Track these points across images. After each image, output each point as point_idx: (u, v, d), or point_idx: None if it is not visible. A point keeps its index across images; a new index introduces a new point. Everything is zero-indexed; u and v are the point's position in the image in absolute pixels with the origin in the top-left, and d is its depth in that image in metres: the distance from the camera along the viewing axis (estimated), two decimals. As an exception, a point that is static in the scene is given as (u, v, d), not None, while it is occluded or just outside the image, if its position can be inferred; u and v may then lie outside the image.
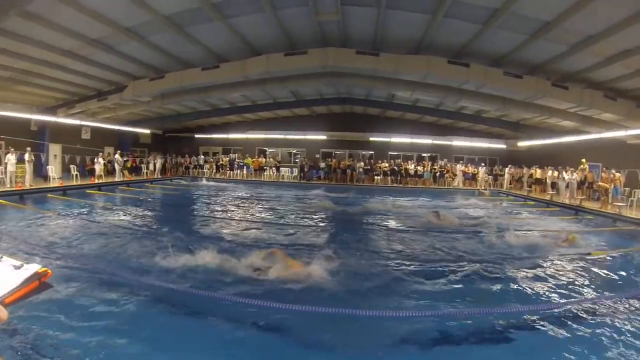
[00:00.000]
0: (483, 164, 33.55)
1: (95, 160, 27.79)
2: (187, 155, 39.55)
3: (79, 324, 5.64)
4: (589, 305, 7.07)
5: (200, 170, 38.42)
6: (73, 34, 15.59)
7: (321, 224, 15.91)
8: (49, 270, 1.11)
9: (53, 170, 25.19)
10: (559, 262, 9.99)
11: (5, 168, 21.14)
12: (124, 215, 16.17)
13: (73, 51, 17.41)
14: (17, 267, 1.11)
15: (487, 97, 20.37)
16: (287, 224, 15.41)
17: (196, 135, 41.85)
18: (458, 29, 14.70)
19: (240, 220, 16.03)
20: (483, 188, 30.65)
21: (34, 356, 4.81)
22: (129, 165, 31.06)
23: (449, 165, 34.13)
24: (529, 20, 13.13)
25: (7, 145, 23.39)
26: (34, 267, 1.10)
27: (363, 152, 38.66)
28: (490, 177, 33.14)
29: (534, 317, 6.39)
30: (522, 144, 32.10)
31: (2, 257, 1.18)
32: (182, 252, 9.34)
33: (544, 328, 6.01)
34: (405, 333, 5.77)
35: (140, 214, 16.82)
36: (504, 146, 34.82)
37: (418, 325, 6.05)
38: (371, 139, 36.65)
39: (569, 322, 6.21)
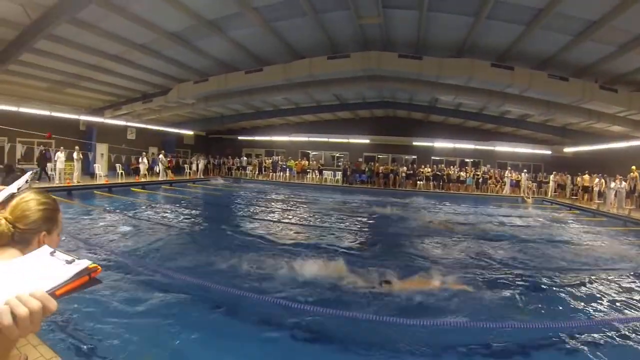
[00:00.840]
0: (526, 171, 32.52)
1: (140, 159, 28.68)
2: (230, 157, 39.97)
3: (119, 319, 5.69)
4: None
5: (242, 172, 38.75)
6: (120, 40, 16.17)
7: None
8: (99, 267, 1.13)
9: (100, 168, 25.89)
10: (610, 277, 9.31)
11: (55, 165, 22.05)
12: (167, 213, 16.44)
13: (120, 56, 18.01)
14: (69, 262, 1.13)
15: (532, 101, 19.64)
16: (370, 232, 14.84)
17: (239, 137, 42.21)
18: (501, 30, 14.33)
19: (321, 227, 15.15)
20: (526, 195, 29.56)
21: (79, 347, 4.93)
22: (167, 165, 31.55)
23: (492, 171, 33.14)
24: (574, 20, 12.63)
25: (57, 144, 24.48)
26: (85, 263, 1.12)
27: (406, 157, 37.93)
28: (534, 184, 31.83)
29: (586, 334, 6.02)
30: (568, 149, 30.69)
31: (55, 252, 1.21)
32: (266, 257, 9.27)
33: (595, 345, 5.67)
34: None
35: (184, 212, 17.02)
36: (548, 152, 33.36)
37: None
38: (414, 143, 35.83)
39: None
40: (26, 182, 2.26)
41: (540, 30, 13.56)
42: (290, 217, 17.14)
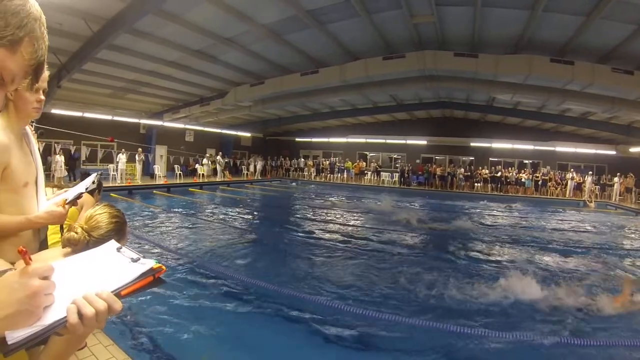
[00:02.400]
0: (591, 172, 29.86)
1: (198, 161, 29.36)
2: (287, 158, 40.23)
3: (175, 317, 5.79)
4: None
5: (300, 173, 38.93)
6: (177, 47, 16.60)
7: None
8: (164, 267, 1.12)
9: (159, 169, 26.91)
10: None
11: (117, 166, 23.16)
12: (223, 213, 16.63)
13: (177, 62, 18.43)
14: (134, 260, 1.13)
15: (594, 97, 18.37)
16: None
17: (297, 139, 42.37)
18: (559, 23, 13.48)
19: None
20: (589, 199, 27.25)
21: (142, 346, 5.01)
22: (224, 166, 32.04)
23: (552, 172, 31.45)
24: (637, 7, 11.56)
25: (119, 146, 25.27)
26: (150, 263, 1.11)
27: (463, 158, 36.88)
28: (597, 186, 29.59)
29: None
30: (635, 149, 28.33)
31: (121, 248, 1.22)
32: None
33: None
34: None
35: (240, 212, 17.21)
36: (613, 152, 30.85)
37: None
38: (471, 144, 34.89)
39: None
40: (92, 182, 2.51)
41: (601, 21, 12.60)
42: (350, 220, 16.58)
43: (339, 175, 37.01)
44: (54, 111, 21.29)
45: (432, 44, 16.83)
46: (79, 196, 2.44)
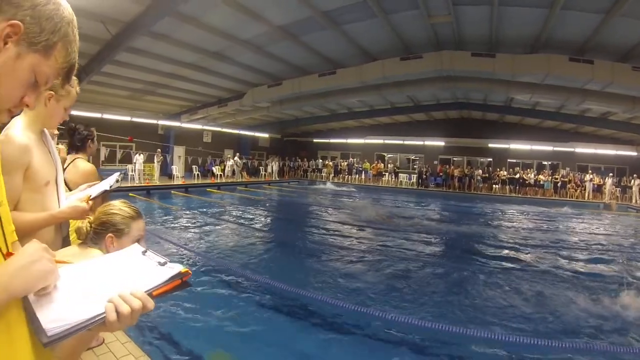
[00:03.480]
0: (611, 174, 29.12)
1: (212, 162, 29.72)
2: (305, 159, 40.22)
3: (192, 317, 5.82)
4: None
5: (318, 174, 38.91)
6: (194, 49, 16.68)
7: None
8: (190, 271, 1.16)
9: (177, 169, 27.08)
10: None
11: (135, 166, 23.42)
12: (241, 213, 16.60)
13: (195, 63, 18.54)
14: (162, 264, 1.17)
15: (614, 97, 17.87)
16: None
17: (314, 140, 42.43)
18: (578, 21, 13.16)
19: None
20: (609, 201, 26.59)
21: (158, 343, 5.06)
22: (241, 167, 32.19)
23: (571, 174, 30.77)
24: None
25: (137, 147, 25.74)
26: (178, 267, 1.15)
27: (481, 159, 36.55)
28: (618, 188, 28.88)
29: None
30: None
31: (147, 252, 1.26)
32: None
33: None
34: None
35: (257, 213, 17.21)
36: (634, 153, 29.94)
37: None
38: (489, 145, 34.37)
39: None
40: (116, 181, 2.56)
41: (621, 19, 12.25)
42: (368, 222, 15.95)
43: (357, 176, 36.92)
44: (74, 113, 20.78)
45: (449, 44, 16.62)
46: (104, 193, 2.50)
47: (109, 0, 11.90)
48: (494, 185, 32.20)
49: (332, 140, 41.42)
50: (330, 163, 39.27)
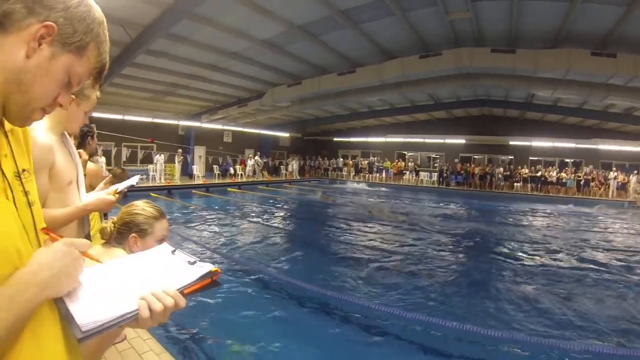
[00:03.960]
0: (636, 171, 27.91)
1: (229, 163, 30.02)
2: (325, 158, 40.19)
3: (212, 314, 5.95)
4: None
5: (339, 173, 38.86)
6: (213, 49, 16.74)
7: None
8: (219, 270, 1.17)
9: (197, 169, 27.49)
10: None
11: (156, 167, 23.85)
12: (261, 212, 16.75)
13: (214, 64, 18.64)
14: (192, 263, 1.19)
15: (639, 91, 17.49)
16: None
17: (335, 139, 42.37)
18: (599, 14, 12.68)
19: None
20: (633, 199, 25.89)
21: (179, 340, 5.19)
22: (262, 166, 32.34)
23: (594, 172, 29.92)
24: None
25: (158, 147, 26.13)
26: (208, 266, 1.17)
27: (502, 157, 35.82)
28: None
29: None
30: None
31: (176, 251, 1.28)
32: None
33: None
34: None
35: (278, 212, 17.29)
36: None
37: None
38: (510, 143, 33.85)
39: None
40: (140, 179, 2.74)
41: None
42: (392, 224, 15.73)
43: (378, 175, 36.79)
44: (96, 114, 21.42)
45: (468, 40, 16.37)
46: (129, 188, 2.64)
47: (127, 4, 12.03)
48: (515, 184, 31.57)
49: (352, 139, 41.31)
50: (351, 162, 39.23)
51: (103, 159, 21.58)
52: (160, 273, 1.14)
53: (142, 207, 2.15)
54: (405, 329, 5.73)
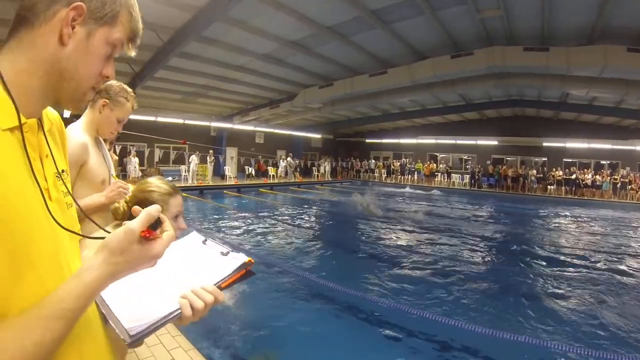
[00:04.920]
0: None
1: (269, 162, 30.15)
2: (357, 159, 40.06)
3: (243, 314, 6.00)
4: None
5: (371, 175, 38.69)
6: (243, 51, 16.78)
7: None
8: (253, 260, 1.18)
9: (229, 170, 28.02)
10: None
11: (189, 167, 24.26)
12: (292, 213, 16.70)
13: (246, 66, 18.68)
14: (225, 254, 1.20)
15: None
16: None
17: (367, 140, 42.14)
18: (635, 7, 12.05)
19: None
20: None
21: (208, 338, 5.19)
22: (291, 168, 32.45)
23: (632, 174, 28.56)
24: None
25: (190, 148, 26.24)
26: (242, 256, 1.17)
27: (535, 159, 34.83)
28: None
29: None
30: None
31: (207, 241, 1.29)
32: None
33: None
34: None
35: (309, 213, 17.24)
36: None
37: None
38: (544, 144, 32.82)
39: None
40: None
41: None
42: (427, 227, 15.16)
43: (410, 176, 36.49)
44: (130, 116, 21.91)
45: (500, 39, 15.94)
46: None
47: (159, 10, 12.17)
48: (548, 186, 30.72)
49: (384, 141, 41.10)
50: (382, 163, 39.01)
51: (136, 160, 22.36)
52: (195, 266, 1.14)
53: (156, 184, 2.06)
54: (434, 331, 5.58)
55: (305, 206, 19.47)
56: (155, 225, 0.93)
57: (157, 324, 0.96)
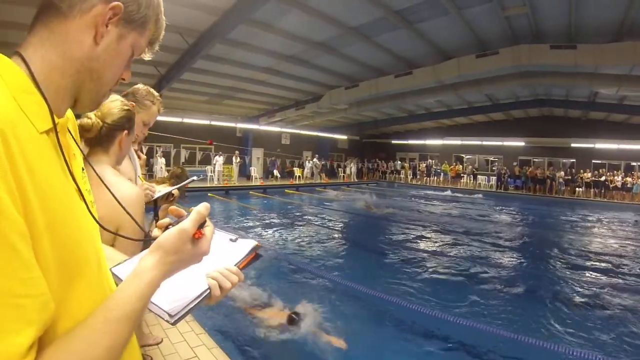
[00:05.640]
0: None
1: (294, 163, 30.17)
2: (383, 161, 39.89)
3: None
4: None
5: (397, 176, 38.47)
6: (270, 53, 16.83)
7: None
8: (260, 244, 1.21)
9: (255, 171, 28.16)
10: None
11: (214, 168, 24.56)
12: (317, 214, 16.67)
13: (271, 68, 18.74)
14: (233, 240, 1.22)
15: None
16: None
17: (393, 141, 41.96)
18: None
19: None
20: None
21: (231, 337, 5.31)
22: (317, 169, 32.46)
23: None
24: None
25: (216, 149, 26.71)
26: (251, 241, 1.21)
27: (563, 160, 33.89)
28: None
29: None
30: None
31: (215, 229, 1.24)
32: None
33: None
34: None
35: (333, 214, 17.15)
36: None
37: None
38: (572, 145, 31.80)
39: None
40: (185, 184, 2.86)
41: None
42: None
43: (435, 178, 36.17)
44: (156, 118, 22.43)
45: (526, 37, 15.62)
46: (169, 195, 2.86)
47: (184, 13, 12.32)
48: (577, 189, 29.93)
49: (410, 142, 40.82)
50: (408, 165, 38.77)
51: (162, 160, 22.64)
52: (211, 252, 1.09)
53: (126, 102, 2.19)
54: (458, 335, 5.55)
55: (331, 207, 19.37)
56: (202, 223, 0.98)
57: (192, 304, 1.00)
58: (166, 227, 0.98)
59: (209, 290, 1.03)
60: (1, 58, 0.80)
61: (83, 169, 1.04)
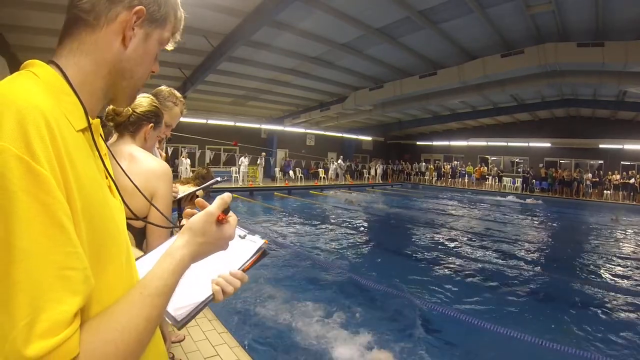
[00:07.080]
0: None
1: (319, 164, 30.07)
2: (408, 162, 39.63)
3: (296, 317, 5.83)
4: None
5: (421, 178, 38.16)
6: (294, 55, 16.86)
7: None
8: (267, 241, 1.22)
9: (280, 172, 28.01)
10: None
11: (239, 169, 24.60)
12: (339, 214, 16.55)
13: (295, 69, 18.80)
14: (242, 237, 1.22)
15: None
16: None
17: (417, 143, 41.66)
18: None
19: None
20: None
21: (252, 336, 5.24)
22: (342, 170, 32.35)
23: None
24: None
25: (241, 150, 26.98)
26: (259, 239, 1.22)
27: (591, 162, 32.68)
28: None
29: None
30: None
31: None
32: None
33: None
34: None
35: (356, 214, 17.03)
36: None
37: None
38: (600, 145, 30.80)
39: None
40: (210, 185, 2.68)
41: None
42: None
43: (460, 179, 35.74)
44: (181, 119, 22.33)
45: (551, 35, 15.27)
46: (193, 195, 2.83)
47: (208, 16, 12.35)
48: (605, 191, 28.91)
49: (435, 143, 40.49)
50: (433, 166, 38.42)
51: (188, 161, 22.89)
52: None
53: (155, 99, 2.40)
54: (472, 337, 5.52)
55: (355, 208, 19.18)
56: (227, 210, 1.01)
57: (197, 309, 1.05)
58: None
59: (212, 296, 1.08)
60: (41, 64, 0.86)
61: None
